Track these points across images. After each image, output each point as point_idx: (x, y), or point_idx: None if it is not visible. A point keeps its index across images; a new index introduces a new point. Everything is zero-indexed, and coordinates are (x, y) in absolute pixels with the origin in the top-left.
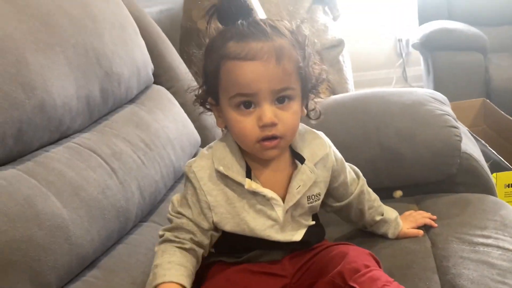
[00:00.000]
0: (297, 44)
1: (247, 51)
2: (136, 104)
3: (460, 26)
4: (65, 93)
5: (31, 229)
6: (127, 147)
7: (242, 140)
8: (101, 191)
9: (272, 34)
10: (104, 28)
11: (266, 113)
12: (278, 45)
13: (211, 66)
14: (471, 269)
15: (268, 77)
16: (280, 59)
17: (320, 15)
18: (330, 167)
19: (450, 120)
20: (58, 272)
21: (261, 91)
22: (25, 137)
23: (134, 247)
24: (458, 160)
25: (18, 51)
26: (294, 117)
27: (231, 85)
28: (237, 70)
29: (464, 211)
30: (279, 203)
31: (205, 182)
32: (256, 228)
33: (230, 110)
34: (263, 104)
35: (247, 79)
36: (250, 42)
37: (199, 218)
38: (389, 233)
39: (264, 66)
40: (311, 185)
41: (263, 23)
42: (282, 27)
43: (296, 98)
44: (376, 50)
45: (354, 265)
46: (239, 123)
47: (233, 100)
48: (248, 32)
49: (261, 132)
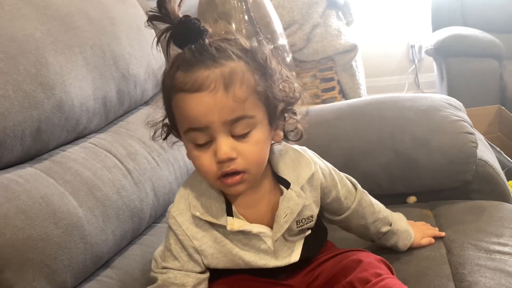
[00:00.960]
0: (254, 64)
1: (192, 81)
2: (151, 106)
3: (475, 32)
4: (82, 94)
5: (48, 227)
6: (142, 148)
7: (204, 176)
8: (116, 191)
9: (221, 58)
10: (122, 30)
11: (221, 148)
12: (228, 71)
13: (164, 98)
14: (488, 277)
15: (217, 108)
16: (229, 85)
17: (333, 20)
18: (318, 185)
19: (466, 126)
20: (73, 271)
21: (212, 124)
22: (43, 136)
23: (147, 247)
24: (474, 167)
25: (38, 51)
26: (257, 148)
27: (182, 119)
28: (184, 103)
29: (479, 218)
30: (267, 235)
31: (188, 226)
32: (251, 261)
33: (187, 144)
34: (218, 138)
35: (195, 112)
36: (196, 71)
37: (190, 265)
38: (399, 245)
39: (212, 97)
40: (301, 210)
41: (211, 46)
42: (234, 48)
43: (258, 125)
44: (388, 56)
45: (365, 274)
46: (197, 158)
47: (187, 135)
48: (194, 59)
49: (218, 169)
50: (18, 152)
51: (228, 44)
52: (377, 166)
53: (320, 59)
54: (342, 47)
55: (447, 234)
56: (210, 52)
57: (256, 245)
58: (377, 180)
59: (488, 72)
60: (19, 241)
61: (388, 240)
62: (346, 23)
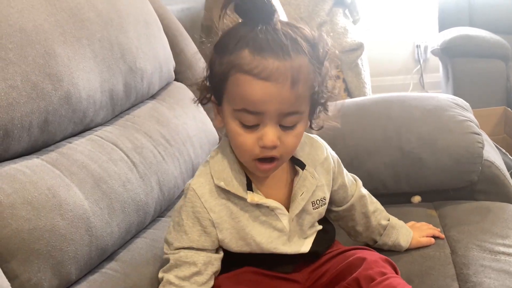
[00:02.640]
0: (316, 61)
1: (261, 68)
2: (157, 100)
3: (482, 33)
4: (90, 86)
5: (54, 218)
6: (148, 142)
7: (240, 154)
8: (121, 184)
9: (291, 50)
10: (129, 24)
11: (269, 135)
12: (296, 66)
13: (219, 68)
14: (492, 278)
15: (279, 100)
16: (296, 83)
17: (340, 18)
18: (330, 169)
19: (472, 127)
20: (78, 263)
21: (269, 112)
22: (50, 127)
23: (152, 241)
24: (480, 168)
25: (47, 42)
26: (297, 139)
27: (238, 99)
28: (247, 86)
29: (484, 219)
30: (284, 212)
31: (207, 199)
32: (262, 242)
33: (233, 120)
34: (268, 124)
35: (256, 98)
36: (267, 58)
37: (201, 241)
38: (401, 240)
39: (277, 89)
40: (315, 190)
41: (284, 34)
42: (302, 40)
43: (303, 119)
44: (393, 56)
45: (370, 273)
46: (240, 136)
47: (237, 113)
48: (266, 44)
49: (260, 152)
50: (25, 143)
51: (297, 32)
52: (382, 164)
53: None
54: (348, 46)
55: (452, 234)
56: (283, 41)
57: (273, 223)
58: (382, 179)
59: (495, 73)
60: (25, 232)
61: (390, 237)
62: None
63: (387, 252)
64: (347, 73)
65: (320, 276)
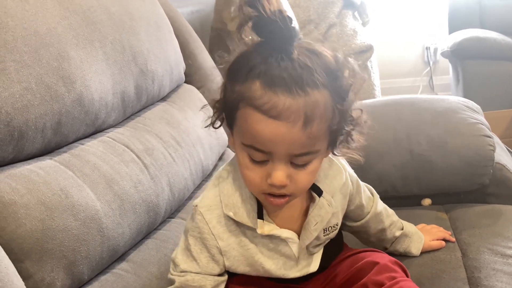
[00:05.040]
0: (337, 95)
1: (271, 105)
2: (168, 102)
3: (493, 35)
4: (102, 88)
5: (66, 219)
6: (158, 144)
7: (248, 187)
8: (133, 185)
9: (307, 85)
10: (141, 26)
11: (278, 174)
12: (311, 104)
13: (230, 96)
14: (504, 282)
15: (289, 142)
16: (309, 122)
17: (349, 20)
18: (347, 194)
19: (483, 129)
20: (90, 263)
21: (278, 152)
22: (63, 129)
23: (162, 242)
24: (491, 170)
25: (60, 45)
26: (311, 176)
27: (247, 134)
28: (255, 123)
29: (496, 222)
30: (295, 241)
31: (214, 225)
32: (271, 269)
33: (242, 152)
34: (277, 163)
35: (264, 137)
36: (278, 94)
37: (209, 268)
38: (412, 247)
39: (288, 129)
40: (330, 218)
41: (300, 66)
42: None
43: (319, 156)
44: (403, 58)
45: (379, 278)
46: (248, 170)
47: (246, 148)
48: (279, 78)
49: (268, 188)
50: (39, 144)
51: (315, 61)
52: (392, 167)
53: None
54: (358, 47)
55: (463, 237)
56: (297, 74)
57: (282, 250)
58: (392, 182)
59: (506, 75)
60: (39, 232)
61: (402, 244)
62: (362, 23)
63: (398, 255)
64: None
65: (330, 280)
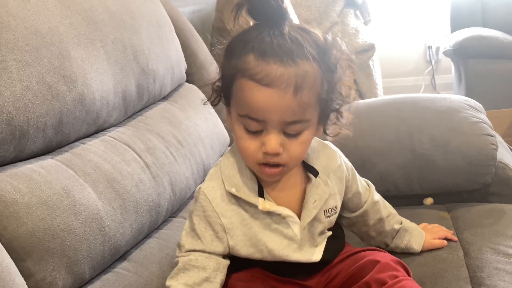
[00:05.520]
0: (325, 67)
1: (264, 74)
2: (169, 101)
3: (495, 34)
4: (103, 88)
5: (68, 218)
6: (160, 143)
7: (244, 158)
8: (134, 184)
9: (297, 56)
10: (142, 25)
11: (271, 142)
12: (301, 73)
13: (227, 71)
14: (507, 281)
15: (281, 108)
16: (299, 90)
17: (351, 19)
18: (343, 177)
19: (486, 128)
20: (91, 262)
21: (271, 120)
22: (64, 128)
23: (163, 241)
24: (494, 170)
25: (62, 44)
26: (303, 146)
27: (242, 104)
28: (249, 92)
29: (498, 222)
30: (295, 220)
31: (218, 203)
32: (274, 249)
33: (238, 124)
34: (270, 131)
35: (258, 105)
36: (271, 63)
37: (213, 246)
38: (413, 243)
39: (279, 96)
40: (327, 198)
41: (291, 39)
42: (312, 45)
43: (310, 127)
44: (405, 57)
45: (381, 276)
46: (244, 141)
47: (242, 118)
48: (271, 49)
49: (263, 157)
50: (40, 143)
51: (305, 37)
52: (394, 166)
53: None
54: (360, 47)
55: (465, 236)
56: (288, 46)
57: (284, 231)
58: (394, 181)
59: (508, 74)
60: (41, 231)
61: (402, 239)
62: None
63: (399, 254)
64: (359, 74)
65: (332, 279)
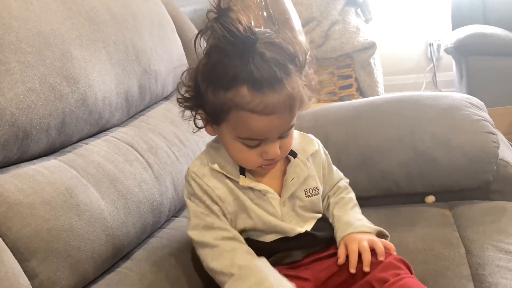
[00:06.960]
0: (300, 73)
1: (263, 105)
2: (171, 101)
3: (497, 31)
4: (105, 88)
5: (71, 218)
6: (162, 143)
7: (243, 164)
8: (137, 184)
9: (284, 78)
10: (144, 26)
11: (273, 151)
12: (291, 92)
13: (215, 100)
14: (509, 279)
15: (281, 127)
16: (293, 107)
17: (352, 17)
18: (320, 163)
19: (487, 126)
20: (95, 262)
21: (272, 136)
22: (67, 129)
23: (166, 241)
24: (495, 167)
25: (64, 45)
26: (291, 139)
27: (244, 130)
28: (252, 121)
29: (500, 219)
30: (274, 196)
31: (208, 178)
32: (262, 214)
33: (235, 141)
34: (270, 143)
35: (260, 130)
36: (266, 93)
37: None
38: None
39: (279, 119)
40: (306, 178)
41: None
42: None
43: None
44: (406, 55)
45: (384, 275)
46: (243, 153)
47: (242, 139)
48: (261, 79)
49: (263, 162)
50: (43, 144)
51: (281, 54)
52: (395, 164)
53: (338, 56)
54: (361, 45)
55: (467, 234)
56: (274, 70)
57: (265, 206)
58: (396, 179)
59: (509, 72)
60: (44, 231)
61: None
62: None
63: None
64: (360, 72)
65: (332, 275)
